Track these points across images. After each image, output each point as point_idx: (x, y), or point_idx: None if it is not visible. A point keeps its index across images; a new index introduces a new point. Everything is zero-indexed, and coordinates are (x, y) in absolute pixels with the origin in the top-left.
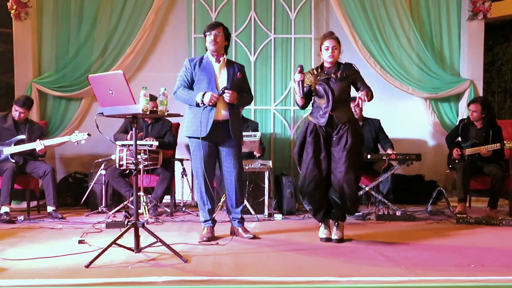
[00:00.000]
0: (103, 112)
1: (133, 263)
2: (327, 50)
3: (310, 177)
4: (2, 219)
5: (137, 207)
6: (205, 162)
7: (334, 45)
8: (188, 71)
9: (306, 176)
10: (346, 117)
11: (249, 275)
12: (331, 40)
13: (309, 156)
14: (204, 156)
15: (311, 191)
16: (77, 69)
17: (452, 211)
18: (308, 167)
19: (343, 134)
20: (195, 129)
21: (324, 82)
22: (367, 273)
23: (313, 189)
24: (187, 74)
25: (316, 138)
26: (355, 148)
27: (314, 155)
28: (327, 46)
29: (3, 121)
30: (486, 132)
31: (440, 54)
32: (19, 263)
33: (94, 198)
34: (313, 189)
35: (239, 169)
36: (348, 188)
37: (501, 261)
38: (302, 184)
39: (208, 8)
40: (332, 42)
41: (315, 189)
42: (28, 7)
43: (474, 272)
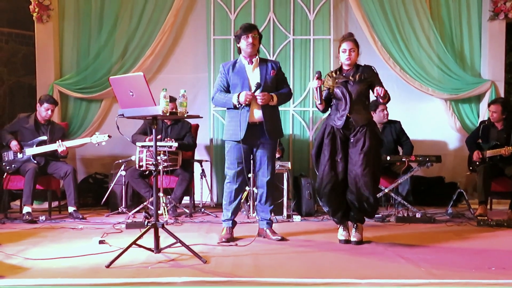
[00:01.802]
0: (123, 114)
1: (153, 264)
2: (344, 53)
3: (327, 179)
4: (25, 219)
5: (157, 207)
6: (238, 164)
7: (351, 47)
8: (223, 76)
9: (323, 178)
10: (364, 120)
11: (268, 276)
12: (349, 42)
13: (326, 158)
14: (238, 157)
15: (328, 193)
16: (98, 70)
17: (473, 213)
18: (325, 169)
19: (361, 137)
20: (231, 132)
21: (342, 85)
22: (386, 275)
23: (330, 190)
24: (222, 79)
25: (333, 140)
26: (373, 151)
27: (330, 157)
28: (344, 48)
29: (25, 122)
30: (507, 133)
31: (460, 55)
32: (40, 262)
33: (114, 199)
34: (330, 190)
35: (272, 170)
36: (365, 191)
37: None
38: (319, 186)
39: (227, 10)
40: (349, 45)
41: (332, 190)
42: (50, 9)
43: (495, 275)
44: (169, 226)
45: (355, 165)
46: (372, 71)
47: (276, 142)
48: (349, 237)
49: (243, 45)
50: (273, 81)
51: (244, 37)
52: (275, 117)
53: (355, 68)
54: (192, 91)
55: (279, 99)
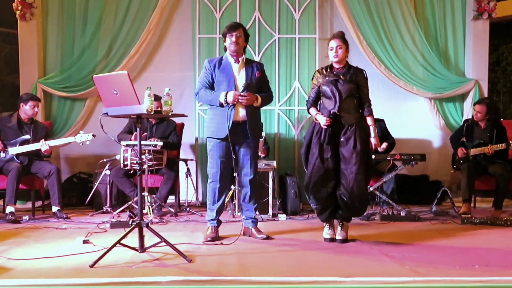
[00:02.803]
0: (107, 112)
1: (138, 263)
2: (332, 50)
3: (316, 177)
4: (8, 219)
5: (142, 207)
6: (221, 162)
7: (338, 44)
8: (208, 72)
9: (311, 176)
10: (353, 119)
11: (254, 275)
12: (335, 40)
13: (315, 156)
14: (221, 156)
15: (317, 190)
16: (82, 69)
17: (456, 211)
18: (314, 167)
19: (351, 135)
20: (213, 129)
21: (332, 83)
22: (372, 273)
23: (319, 188)
24: (207, 75)
25: (322, 138)
26: (365, 149)
27: (319, 155)
28: (331, 46)
29: (8, 121)
30: (491, 132)
31: (445, 54)
32: (24, 262)
33: (99, 198)
34: (319, 188)
35: (255, 169)
36: (358, 189)
37: (506, 261)
38: (308, 183)
39: (212, 8)
40: (336, 42)
41: (321, 187)
42: (33, 7)
43: (479, 273)
44: (154, 225)
45: (349, 163)
46: (363, 75)
47: (258, 141)
48: (334, 236)
49: (228, 43)
50: (258, 83)
51: (229, 35)
52: (257, 117)
53: (347, 67)
54: (177, 90)
55: (263, 101)
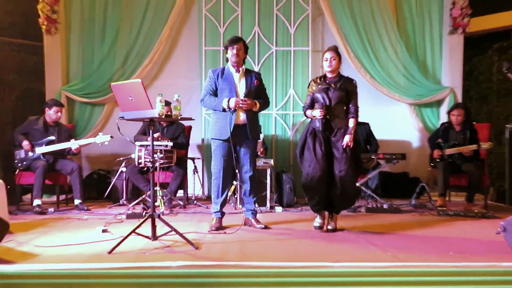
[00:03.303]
0: (124, 116)
1: (150, 250)
2: (326, 61)
3: (312, 174)
4: (35, 210)
5: (154, 200)
6: (224, 161)
7: (332, 56)
8: (212, 81)
9: (308, 173)
10: (343, 123)
11: (253, 260)
12: (330, 52)
13: (310, 155)
14: (224, 155)
15: (315, 186)
16: (101, 78)
17: (433, 204)
18: (310, 165)
19: (340, 138)
20: (217, 132)
21: (323, 90)
22: (358, 259)
23: (316, 183)
24: (211, 83)
25: (315, 139)
26: (354, 150)
27: (314, 154)
28: (326, 57)
29: (35, 124)
30: (464, 134)
31: (423, 64)
32: (49, 249)
33: (116, 192)
34: (316, 183)
35: (254, 166)
36: (347, 186)
37: (478, 249)
38: (305, 180)
39: (217, 24)
40: (330, 54)
41: (317, 183)
42: (57, 23)
43: (453, 259)
44: (165, 216)
45: (340, 162)
46: (352, 83)
47: (256, 141)
48: (323, 225)
49: (229, 55)
50: (256, 90)
51: (230, 48)
52: (256, 120)
53: (339, 77)
54: (186, 96)
55: (261, 106)
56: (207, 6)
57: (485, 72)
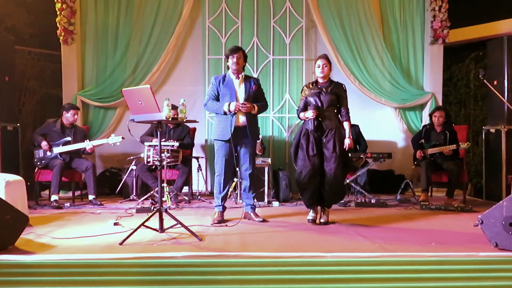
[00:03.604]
0: (134, 119)
1: (158, 241)
2: (319, 68)
3: (305, 172)
4: (52, 205)
5: (161, 195)
6: (226, 160)
7: (324, 63)
8: (214, 87)
9: (302, 171)
10: (333, 125)
11: (253, 251)
12: (322, 59)
13: (303, 154)
14: (226, 154)
15: (307, 182)
16: (113, 84)
17: (417, 199)
18: (303, 163)
19: (331, 139)
20: (219, 133)
21: (315, 95)
22: (348, 249)
23: (308, 180)
24: (214, 89)
25: (307, 140)
26: (343, 150)
27: (306, 153)
28: (318, 64)
29: (53, 125)
30: (445, 135)
31: (407, 72)
32: (65, 241)
33: (127, 188)
34: (308, 180)
35: (253, 165)
36: (336, 183)
37: (457, 240)
38: (299, 177)
39: (219, 34)
40: (322, 61)
41: (309, 180)
42: (73, 34)
43: (435, 249)
44: (171, 210)
45: (329, 162)
46: (342, 88)
47: (255, 142)
48: (316, 218)
49: (230, 63)
50: (255, 94)
51: (231, 57)
52: (255, 122)
53: (329, 82)
54: (191, 101)
55: (259, 109)
56: (210, 18)
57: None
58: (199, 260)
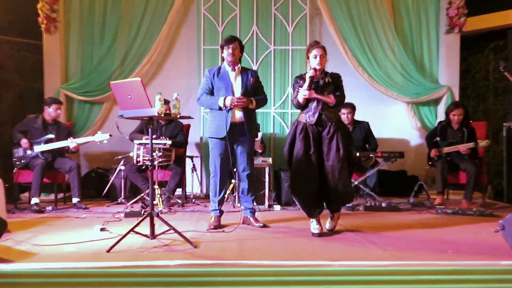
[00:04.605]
0: (123, 115)
1: (149, 248)
2: (315, 58)
3: (300, 172)
4: (33, 209)
5: (152, 198)
6: (221, 159)
7: (321, 53)
8: (209, 80)
9: (299, 173)
10: (334, 117)
11: (252, 259)
12: (319, 49)
13: (300, 153)
14: (221, 153)
15: (306, 187)
16: (100, 76)
17: (431, 202)
18: (300, 164)
19: (334, 134)
20: (214, 130)
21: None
22: (356, 258)
23: (309, 185)
24: (208, 83)
25: (306, 136)
26: (346, 146)
27: (304, 151)
28: (315, 54)
29: (34, 122)
30: (462, 132)
31: (420, 63)
32: (47, 248)
33: (114, 191)
34: (309, 185)
35: (251, 164)
36: (343, 183)
37: (476, 247)
38: (294, 181)
39: (215, 23)
40: (319, 51)
41: (310, 185)
42: (56, 21)
43: (451, 257)
44: (163, 215)
45: (333, 160)
46: (339, 78)
47: (254, 139)
48: (322, 230)
49: (225, 54)
50: (253, 88)
51: (226, 47)
52: (253, 118)
53: (324, 73)
54: (184, 95)
55: (258, 104)
56: (206, 5)
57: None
58: (194, 269)
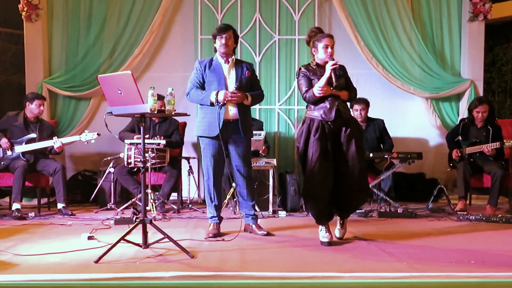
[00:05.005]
0: (112, 112)
1: (141, 259)
2: (326, 48)
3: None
4: (14, 215)
5: (145, 204)
6: (214, 160)
7: (332, 44)
8: (199, 73)
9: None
10: (349, 114)
11: (254, 270)
12: (330, 39)
13: (316, 155)
14: (214, 154)
15: (320, 191)
16: (87, 69)
17: (452, 208)
18: (315, 167)
19: (353, 132)
20: (205, 128)
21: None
22: (370, 269)
23: (322, 188)
24: (198, 75)
25: (323, 136)
26: (362, 146)
27: (321, 153)
28: (326, 44)
29: (14, 120)
30: (486, 131)
31: (441, 55)
32: (30, 258)
33: (103, 195)
34: (322, 188)
35: (248, 166)
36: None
37: (501, 257)
38: (311, 185)
39: (214, 10)
40: (330, 41)
41: (324, 188)
42: (38, 9)
43: (475, 269)
44: (157, 222)
45: (353, 160)
46: (345, 68)
47: (249, 138)
48: (332, 239)
49: (217, 44)
50: (248, 82)
51: (219, 37)
52: (248, 115)
53: None
54: (180, 90)
55: (253, 99)
56: None
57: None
58: (190, 281)
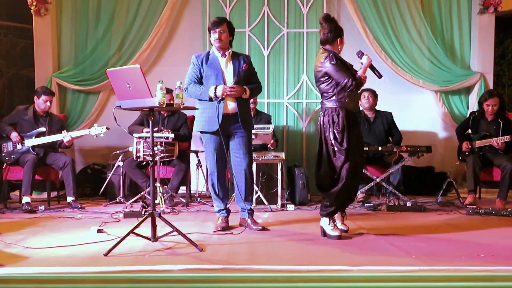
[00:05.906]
0: (121, 105)
1: (150, 252)
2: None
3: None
4: (24, 209)
5: (154, 197)
6: (217, 154)
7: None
8: (196, 67)
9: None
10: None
11: (263, 263)
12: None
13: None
14: (216, 148)
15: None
16: (95, 63)
17: (462, 202)
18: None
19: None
20: (205, 123)
21: None
22: (378, 262)
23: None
24: (195, 70)
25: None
26: None
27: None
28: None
29: (24, 114)
30: (497, 124)
31: (450, 48)
32: (40, 251)
33: (112, 189)
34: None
35: (248, 161)
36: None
37: (511, 251)
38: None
39: (222, 3)
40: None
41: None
42: (47, 3)
43: (484, 262)
44: (166, 215)
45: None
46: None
47: (250, 132)
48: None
49: (212, 39)
50: (245, 75)
51: (213, 32)
52: (247, 108)
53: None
54: None
55: (252, 93)
56: None
57: None
58: (199, 274)
